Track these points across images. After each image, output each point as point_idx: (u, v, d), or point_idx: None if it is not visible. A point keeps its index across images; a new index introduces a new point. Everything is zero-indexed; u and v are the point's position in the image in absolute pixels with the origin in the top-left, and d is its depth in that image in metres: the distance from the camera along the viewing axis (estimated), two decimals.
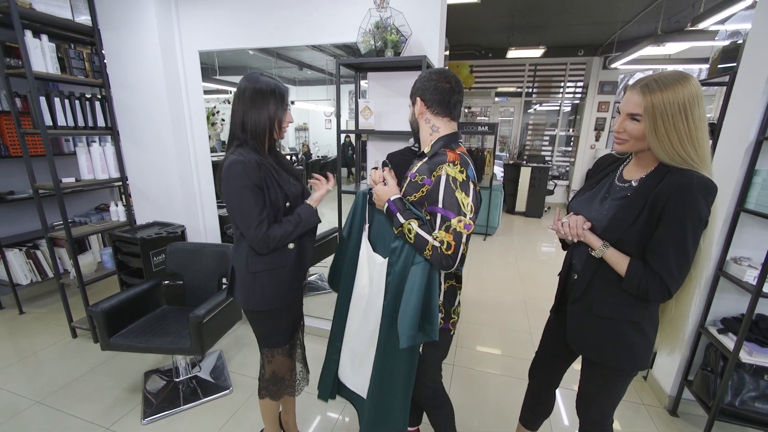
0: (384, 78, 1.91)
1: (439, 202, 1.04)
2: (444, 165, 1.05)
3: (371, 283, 1.24)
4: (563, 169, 7.50)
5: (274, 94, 1.19)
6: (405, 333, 1.06)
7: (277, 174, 1.23)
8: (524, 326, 2.80)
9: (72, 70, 2.26)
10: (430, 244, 1.03)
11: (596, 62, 6.24)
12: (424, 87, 1.14)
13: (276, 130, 1.24)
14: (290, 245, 1.28)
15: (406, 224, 1.07)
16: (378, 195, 1.16)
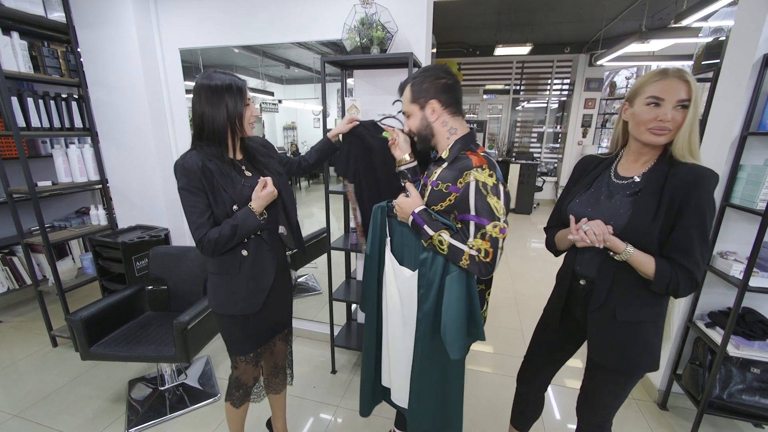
0: (370, 76, 1.87)
1: (471, 210, 1.00)
2: (471, 171, 1.00)
3: (401, 297, 1.19)
4: (551, 166, 7.57)
5: (230, 89, 1.12)
6: (454, 344, 1.04)
7: (222, 177, 1.15)
8: (515, 323, 2.80)
9: (46, 69, 2.17)
10: (467, 253, 1.00)
11: (582, 59, 6.30)
12: (435, 87, 1.07)
13: (238, 127, 1.17)
14: (243, 252, 1.22)
15: (436, 236, 1.02)
16: (401, 207, 1.10)
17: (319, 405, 1.95)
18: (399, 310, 1.20)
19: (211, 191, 1.14)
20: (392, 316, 1.22)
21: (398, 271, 1.19)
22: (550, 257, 1.37)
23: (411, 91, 1.10)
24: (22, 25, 2.11)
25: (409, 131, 1.17)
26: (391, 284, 1.21)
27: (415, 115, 1.12)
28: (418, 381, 1.19)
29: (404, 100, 1.14)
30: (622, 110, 1.03)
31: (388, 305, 1.24)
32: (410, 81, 1.11)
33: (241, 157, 1.26)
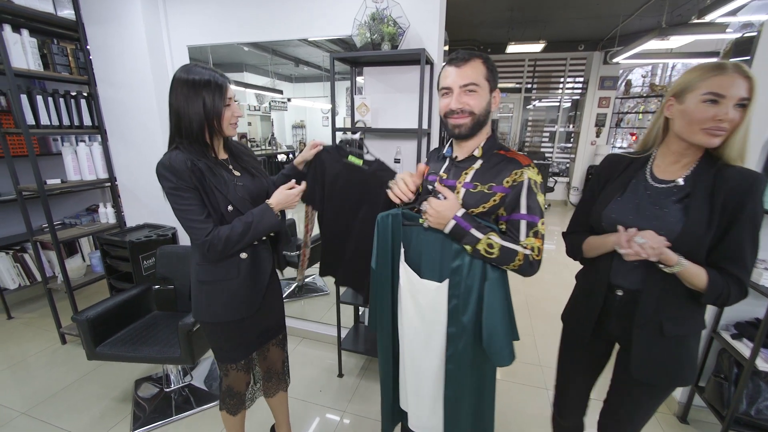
0: (381, 73, 1.82)
1: (522, 208, 0.97)
2: (524, 170, 0.97)
3: (422, 314, 1.10)
4: (563, 166, 7.43)
5: (208, 85, 1.04)
6: (503, 350, 1.01)
7: (214, 177, 1.08)
8: (526, 327, 2.73)
9: (55, 67, 2.16)
10: (521, 253, 0.95)
11: (597, 57, 6.14)
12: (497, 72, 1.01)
13: (216, 126, 1.08)
14: (243, 254, 1.16)
15: (485, 239, 0.95)
16: (438, 212, 0.98)
17: (326, 410, 1.91)
18: (418, 327, 1.11)
19: (203, 191, 1.07)
20: (410, 335, 1.14)
21: (418, 285, 1.09)
22: (562, 259, 1.32)
23: (485, 67, 0.99)
24: (31, 22, 2.11)
25: (468, 110, 1.00)
26: (407, 300, 1.12)
27: (483, 93, 0.99)
28: (453, 404, 1.11)
29: (475, 71, 0.98)
30: (665, 106, 0.94)
31: (404, 324, 1.14)
32: (480, 56, 0.99)
33: (226, 157, 1.21)
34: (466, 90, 0.98)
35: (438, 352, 1.09)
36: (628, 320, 1.01)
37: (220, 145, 1.17)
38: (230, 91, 1.09)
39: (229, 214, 1.11)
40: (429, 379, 1.13)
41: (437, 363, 1.10)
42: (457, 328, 1.04)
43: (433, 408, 1.15)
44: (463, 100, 0.99)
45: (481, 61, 0.99)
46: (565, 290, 1.26)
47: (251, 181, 1.21)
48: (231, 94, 1.10)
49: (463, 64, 0.98)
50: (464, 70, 0.97)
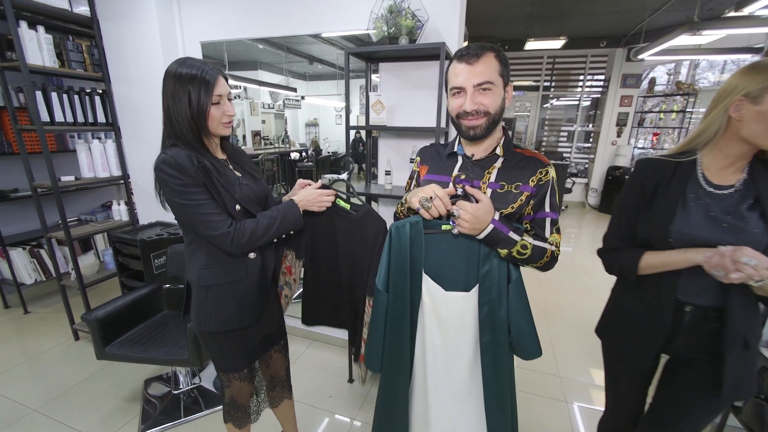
0: (397, 69, 1.75)
1: (547, 206, 0.99)
2: (547, 168, 0.98)
3: (445, 328, 1.04)
4: (582, 167, 7.22)
5: (194, 80, 0.96)
6: (534, 344, 1.05)
7: (220, 175, 1.03)
8: (545, 335, 2.62)
9: (70, 64, 2.16)
10: (549, 250, 0.98)
11: (619, 54, 5.93)
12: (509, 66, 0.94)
13: (202, 126, 1.00)
14: (251, 254, 1.10)
15: (521, 241, 0.94)
16: (475, 217, 0.91)
17: (335, 416, 1.86)
18: (440, 346, 1.05)
19: (212, 189, 1.01)
20: (432, 357, 1.06)
21: (443, 299, 1.03)
22: (578, 262, 1.25)
23: (498, 61, 0.92)
24: (47, 19, 2.11)
25: (484, 111, 0.93)
26: (431, 319, 1.04)
27: (498, 91, 0.93)
28: (497, 413, 1.07)
29: (488, 68, 0.91)
30: (730, 106, 0.84)
31: (427, 345, 1.06)
32: (492, 50, 0.92)
33: (224, 157, 1.15)
34: (480, 89, 0.91)
35: (465, 366, 1.05)
36: (699, 336, 0.96)
37: (214, 145, 1.10)
38: (221, 88, 1.01)
39: (237, 214, 1.06)
40: (455, 398, 1.07)
41: (464, 377, 1.05)
42: (492, 336, 1.01)
43: (461, 425, 1.10)
44: (477, 101, 0.92)
45: (493, 55, 0.92)
46: (583, 296, 1.21)
47: (253, 182, 1.15)
48: (222, 91, 1.01)
49: (476, 61, 0.91)
50: (477, 68, 0.90)
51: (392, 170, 1.83)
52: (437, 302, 1.03)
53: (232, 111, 1.05)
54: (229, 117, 1.04)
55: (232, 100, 1.05)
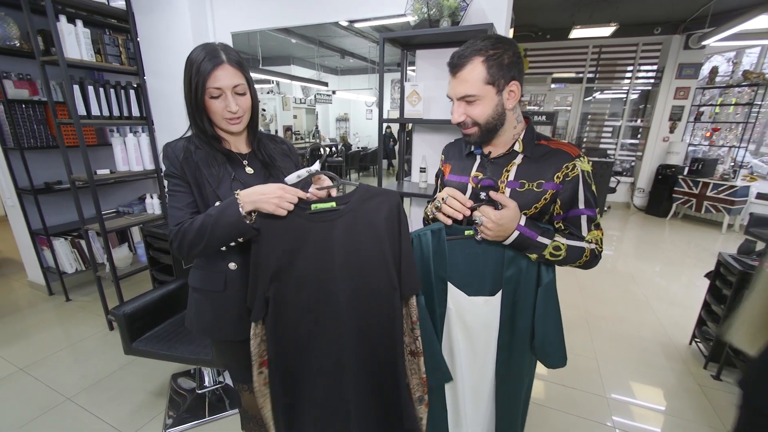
0: (436, 56, 1.60)
1: (580, 203, 0.91)
2: (576, 162, 0.90)
3: (470, 334, 1.02)
4: (627, 165, 6.71)
5: (191, 68, 0.88)
6: (557, 353, 1.01)
7: (207, 168, 0.93)
8: (587, 349, 2.40)
9: (107, 57, 2.17)
10: (588, 249, 0.92)
11: (676, 41, 5.41)
12: (518, 64, 0.86)
13: (202, 118, 0.92)
14: (231, 264, 0.97)
15: (553, 243, 0.90)
16: (499, 224, 0.87)
17: None
18: (466, 350, 1.04)
19: (195, 184, 0.94)
20: (461, 361, 1.05)
21: (467, 305, 1.00)
22: (624, 269, 1.10)
23: (485, 67, 0.84)
24: (85, 12, 2.13)
25: (472, 122, 0.90)
26: (456, 326, 1.02)
27: (487, 100, 0.87)
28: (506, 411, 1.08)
29: (469, 80, 0.85)
30: None
31: (455, 351, 1.04)
32: (480, 52, 0.84)
33: (248, 150, 1.05)
34: (468, 101, 0.88)
35: (490, 369, 1.04)
36: None
37: (236, 137, 1.02)
38: (218, 80, 0.88)
39: None
40: (484, 397, 1.07)
41: (489, 380, 1.05)
42: (512, 336, 1.01)
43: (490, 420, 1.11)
44: (463, 111, 0.90)
45: (480, 60, 0.85)
46: (632, 307, 1.08)
47: (263, 181, 1.01)
48: (222, 83, 0.88)
49: (458, 71, 0.87)
50: (459, 80, 0.87)
51: (427, 167, 1.69)
52: (462, 309, 1.01)
53: (233, 107, 0.91)
54: (230, 114, 0.92)
55: (244, 95, 0.94)
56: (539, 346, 1.00)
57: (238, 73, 0.90)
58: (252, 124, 1.01)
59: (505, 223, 0.87)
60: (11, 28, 2.40)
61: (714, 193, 4.88)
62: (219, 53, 0.89)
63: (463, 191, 1.00)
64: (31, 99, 2.52)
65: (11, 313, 2.70)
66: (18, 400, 1.87)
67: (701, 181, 5.01)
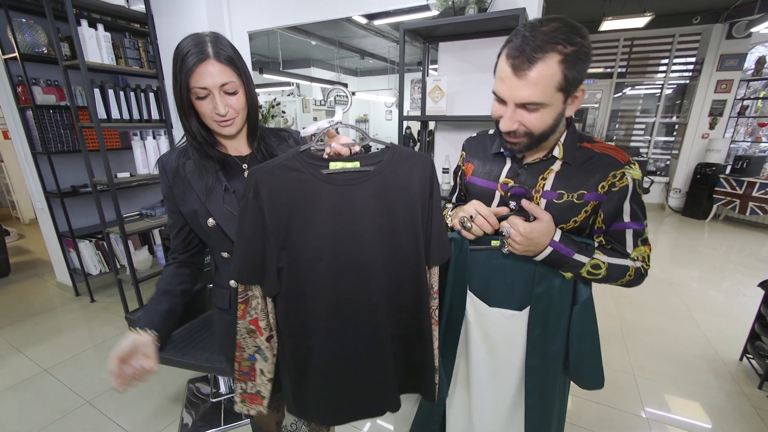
0: (461, 49, 1.49)
1: (626, 215, 0.80)
2: (623, 170, 0.77)
3: (493, 345, 0.95)
4: (662, 164, 6.34)
5: (177, 62, 0.77)
6: (595, 375, 0.91)
7: (197, 181, 0.84)
8: (624, 363, 2.21)
9: (127, 61, 2.18)
10: (632, 267, 0.81)
11: (717, 31, 5.05)
12: (589, 59, 0.70)
13: (189, 120, 0.82)
14: (232, 282, 0.91)
15: (592, 261, 0.79)
16: (528, 239, 0.77)
17: None
18: (486, 360, 0.97)
19: (181, 201, 0.87)
20: (478, 370, 0.98)
21: (489, 315, 0.93)
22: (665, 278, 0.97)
23: (562, 69, 0.66)
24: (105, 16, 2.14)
25: (524, 131, 0.74)
26: (475, 334, 0.96)
27: (551, 109, 0.71)
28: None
29: (540, 84, 0.67)
30: None
31: (471, 358, 0.98)
32: (558, 48, 0.66)
33: (247, 153, 0.95)
34: (525, 108, 0.72)
35: (512, 387, 0.96)
36: None
37: (234, 139, 0.92)
38: (202, 79, 0.76)
39: (211, 230, 0.87)
40: (500, 417, 1.00)
41: (510, 399, 0.97)
42: (542, 359, 0.91)
43: None
44: (516, 119, 0.73)
45: (557, 60, 0.66)
46: (671, 318, 0.96)
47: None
48: (208, 82, 0.77)
49: (528, 69, 0.67)
50: (525, 81, 0.68)
51: (450, 167, 1.58)
52: (483, 319, 0.94)
53: (221, 108, 0.79)
54: (219, 117, 0.80)
55: (235, 94, 0.81)
56: (574, 366, 0.91)
57: (227, 70, 0.78)
58: (250, 122, 0.90)
59: (536, 237, 0.77)
60: (39, 36, 2.46)
61: (761, 193, 4.52)
62: (205, 46, 0.76)
63: (490, 199, 0.89)
64: (58, 104, 2.57)
65: (40, 313, 2.77)
66: (40, 402, 1.89)
67: (746, 180, 4.65)
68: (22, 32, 2.34)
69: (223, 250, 0.90)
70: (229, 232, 0.86)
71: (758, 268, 3.60)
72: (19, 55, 2.31)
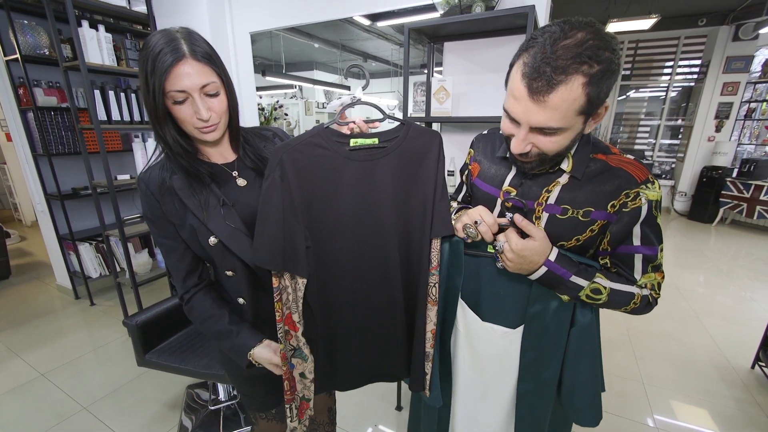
0: (467, 48, 1.46)
1: (636, 238, 0.72)
2: (639, 190, 0.69)
3: (482, 364, 0.89)
4: (667, 167, 6.28)
5: (145, 62, 0.68)
6: (588, 410, 0.84)
7: (191, 198, 0.76)
8: (632, 371, 2.16)
9: (128, 62, 2.16)
10: (638, 295, 0.74)
11: (723, 33, 5.00)
12: (616, 76, 0.61)
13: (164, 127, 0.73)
14: (240, 300, 0.85)
15: (592, 285, 0.72)
16: (521, 257, 0.72)
17: None
18: (475, 380, 0.91)
19: (176, 221, 0.78)
20: (464, 389, 0.93)
21: (480, 330, 0.86)
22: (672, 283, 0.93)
23: (585, 92, 0.59)
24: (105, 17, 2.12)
25: (538, 153, 0.69)
26: (463, 347, 0.90)
27: (570, 132, 0.65)
28: None
29: (560, 108, 0.60)
30: None
31: (459, 375, 0.93)
32: (583, 68, 0.57)
33: (233, 158, 0.86)
34: (541, 131, 0.65)
35: (502, 409, 0.90)
36: None
37: (217, 145, 0.83)
38: (180, 80, 0.68)
39: (213, 249, 0.79)
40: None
41: (500, 420, 0.90)
42: (535, 385, 0.85)
43: None
44: (529, 141, 0.68)
45: (581, 82, 0.58)
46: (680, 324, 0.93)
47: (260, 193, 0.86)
48: (186, 84, 0.69)
49: (546, 94, 0.59)
50: (543, 106, 0.60)
51: (455, 170, 1.55)
52: (472, 333, 0.88)
53: (203, 113, 0.71)
54: (201, 123, 0.72)
55: (216, 95, 0.74)
56: (566, 397, 0.84)
57: (206, 69, 0.71)
58: (232, 126, 0.82)
59: (529, 255, 0.71)
60: (41, 37, 2.44)
61: None
62: (179, 43, 0.68)
63: (492, 205, 0.84)
64: (59, 106, 2.56)
65: (39, 317, 2.74)
66: (37, 407, 1.86)
67: (753, 183, 4.59)
68: (24, 33, 2.33)
69: (227, 268, 0.82)
70: (236, 250, 0.79)
71: (767, 273, 3.54)
72: (21, 56, 2.30)
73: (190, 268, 0.83)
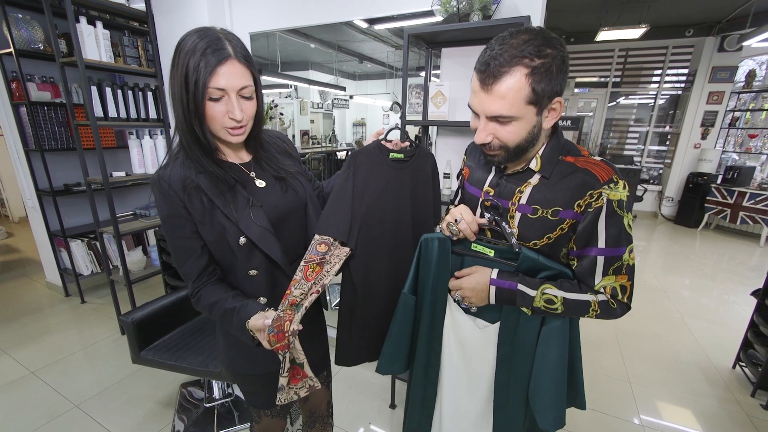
0: (464, 55, 1.50)
1: (600, 242, 0.74)
2: (602, 190, 0.72)
3: (466, 354, 0.95)
4: (655, 172, 6.43)
5: (187, 61, 0.69)
6: (548, 413, 0.84)
7: (219, 197, 0.77)
8: (619, 370, 2.22)
9: (126, 59, 2.16)
10: (594, 302, 0.77)
11: (709, 44, 5.15)
12: (566, 72, 0.69)
13: (200, 132, 0.74)
14: (252, 271, 0.85)
15: (540, 294, 0.77)
16: (473, 289, 0.84)
17: None
18: (460, 368, 0.97)
19: (201, 220, 0.77)
20: (450, 376, 0.99)
21: (463, 324, 0.92)
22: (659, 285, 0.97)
23: (529, 82, 0.65)
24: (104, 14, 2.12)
25: (499, 144, 0.74)
26: (449, 338, 0.96)
27: (524, 122, 0.70)
28: None
29: (507, 97, 0.67)
30: None
31: (445, 363, 0.99)
32: (525, 61, 0.65)
33: (248, 159, 0.88)
34: (497, 121, 0.72)
35: (483, 396, 0.95)
36: None
37: (233, 144, 0.84)
38: (223, 79, 0.70)
39: (240, 249, 0.80)
40: (471, 423, 0.99)
41: (481, 408, 0.96)
42: (509, 377, 0.89)
43: None
44: (489, 131, 0.73)
45: (524, 73, 0.65)
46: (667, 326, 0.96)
47: (281, 195, 0.88)
48: (227, 84, 0.71)
49: (492, 83, 0.67)
50: (492, 95, 0.68)
51: (452, 173, 1.59)
52: (458, 325, 0.93)
53: (237, 114, 0.73)
54: (234, 122, 0.74)
55: (250, 99, 0.76)
56: (531, 395, 0.87)
57: (247, 73, 0.74)
58: (254, 130, 0.83)
59: (476, 283, 0.82)
60: (36, 31, 2.42)
61: (751, 203, 4.59)
62: (224, 44, 0.70)
63: (476, 205, 0.90)
64: (53, 101, 2.53)
65: (28, 314, 2.70)
66: (26, 406, 1.84)
67: (737, 190, 4.73)
68: (18, 28, 2.31)
69: (251, 267, 0.83)
70: (267, 249, 0.80)
71: (748, 277, 3.65)
72: (15, 50, 2.28)
73: (205, 266, 0.83)
